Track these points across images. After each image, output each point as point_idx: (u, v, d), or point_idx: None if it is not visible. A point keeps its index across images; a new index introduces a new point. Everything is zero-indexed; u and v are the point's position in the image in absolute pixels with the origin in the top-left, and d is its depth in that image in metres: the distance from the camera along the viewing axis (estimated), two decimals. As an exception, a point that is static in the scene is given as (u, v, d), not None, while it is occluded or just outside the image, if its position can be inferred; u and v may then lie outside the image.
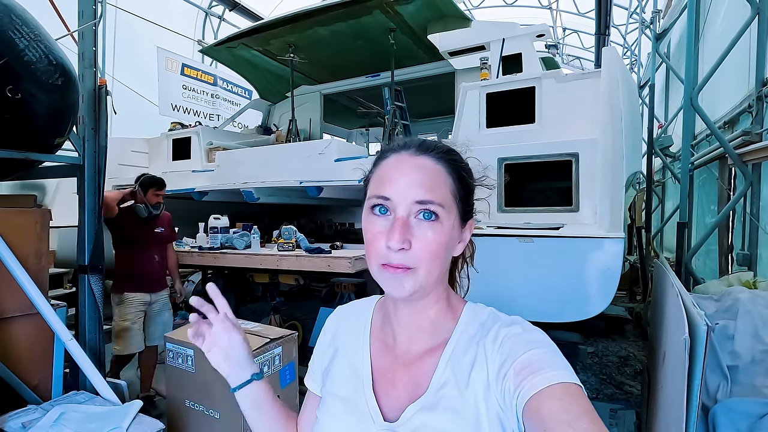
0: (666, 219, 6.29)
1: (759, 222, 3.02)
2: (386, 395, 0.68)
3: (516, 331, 0.62)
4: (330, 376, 0.76)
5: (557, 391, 0.52)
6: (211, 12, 10.34)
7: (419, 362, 0.67)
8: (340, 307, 0.85)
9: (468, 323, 0.68)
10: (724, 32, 4.02)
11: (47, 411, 1.83)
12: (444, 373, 0.64)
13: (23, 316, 2.07)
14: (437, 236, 0.60)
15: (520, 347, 0.59)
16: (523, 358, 0.57)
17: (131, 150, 5.79)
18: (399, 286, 0.61)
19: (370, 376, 0.71)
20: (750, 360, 1.84)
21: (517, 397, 0.55)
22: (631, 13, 8.55)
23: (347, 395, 0.71)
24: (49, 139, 1.91)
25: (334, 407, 0.72)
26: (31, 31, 1.61)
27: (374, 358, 0.73)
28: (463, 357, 0.64)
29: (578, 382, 0.54)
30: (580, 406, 0.50)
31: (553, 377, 0.53)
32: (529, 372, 0.55)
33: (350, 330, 0.79)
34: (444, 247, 0.62)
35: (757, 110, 3.07)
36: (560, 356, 0.58)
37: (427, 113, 7.75)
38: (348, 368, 0.74)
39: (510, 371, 0.57)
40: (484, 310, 0.69)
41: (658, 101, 6.62)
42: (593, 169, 2.76)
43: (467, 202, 0.67)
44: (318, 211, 6.30)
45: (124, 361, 3.21)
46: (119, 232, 3.08)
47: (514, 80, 3.40)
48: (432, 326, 0.68)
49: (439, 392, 0.63)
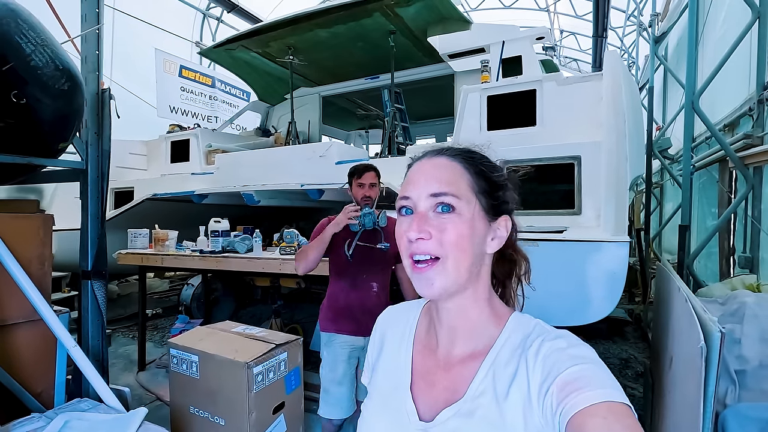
0: (665, 221, 6.31)
1: (761, 225, 3.03)
2: (424, 396, 0.69)
3: (560, 345, 0.60)
4: (375, 372, 0.80)
5: (602, 411, 0.49)
6: (209, 14, 10.31)
7: (460, 366, 0.67)
8: (390, 306, 0.88)
9: (513, 333, 0.66)
10: (724, 36, 4.04)
11: (51, 419, 1.80)
12: (483, 381, 0.63)
13: (26, 323, 2.05)
14: (456, 227, 0.62)
15: (563, 362, 0.57)
16: (565, 374, 0.55)
17: (129, 152, 5.76)
18: (428, 285, 0.62)
19: (409, 376, 0.72)
20: (758, 364, 1.84)
21: (559, 416, 0.53)
22: (628, 15, 8.59)
23: (387, 392, 0.74)
24: (53, 143, 1.89)
25: (375, 402, 0.76)
26: (37, 36, 1.59)
27: (416, 359, 0.74)
28: (505, 368, 0.63)
29: (626, 401, 0.51)
30: (626, 427, 0.48)
31: (598, 395, 0.51)
32: (572, 389, 0.53)
33: (397, 330, 0.81)
34: (467, 238, 0.62)
35: (758, 114, 3.09)
36: (606, 373, 0.56)
37: (426, 115, 7.76)
38: (391, 366, 0.77)
39: (552, 388, 0.55)
40: (531, 321, 0.68)
41: (655, 103, 6.65)
42: (596, 172, 2.76)
43: (492, 195, 0.67)
44: (318, 213, 6.28)
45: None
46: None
47: (515, 83, 3.40)
48: (473, 329, 0.68)
49: (477, 400, 0.62)
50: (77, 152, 2.16)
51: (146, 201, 4.68)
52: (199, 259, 3.51)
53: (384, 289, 2.35)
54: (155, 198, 4.68)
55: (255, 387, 2.08)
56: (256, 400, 2.09)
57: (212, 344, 2.26)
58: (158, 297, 7.01)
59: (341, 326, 2.23)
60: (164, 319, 6.03)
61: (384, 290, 2.35)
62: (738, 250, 3.47)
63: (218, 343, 2.27)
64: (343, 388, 2.18)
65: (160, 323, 5.81)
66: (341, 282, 2.28)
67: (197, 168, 5.17)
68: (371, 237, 2.25)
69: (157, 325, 5.72)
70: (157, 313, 6.19)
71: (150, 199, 4.68)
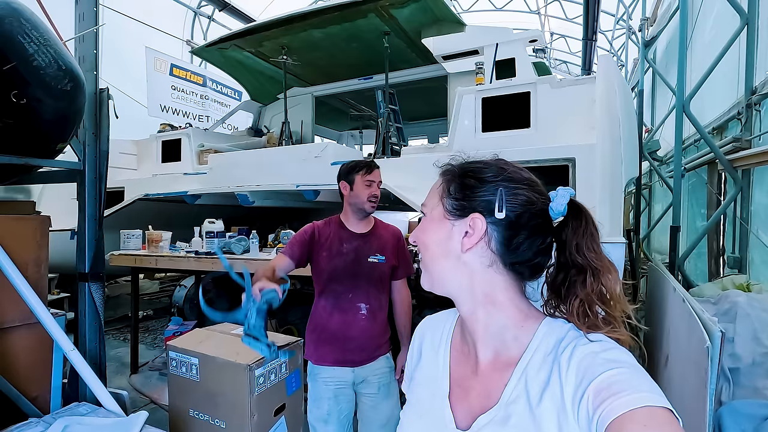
0: (654, 222, 6.42)
1: (749, 226, 3.11)
2: (460, 403, 0.70)
3: (593, 349, 0.58)
4: (414, 380, 0.82)
5: (641, 416, 0.47)
6: (201, 12, 10.22)
7: (493, 373, 0.67)
8: (428, 316, 0.89)
9: (545, 338, 0.65)
10: (713, 41, 4.13)
11: (50, 424, 1.78)
12: (516, 387, 0.63)
13: (22, 326, 2.01)
14: (421, 224, 0.74)
15: (597, 367, 0.55)
16: (600, 379, 0.53)
17: (119, 152, 5.67)
18: (423, 278, 0.74)
19: (447, 384, 0.73)
20: (751, 362, 1.90)
21: (596, 423, 0.51)
22: (618, 19, 8.73)
23: (425, 400, 0.75)
24: (51, 144, 1.86)
25: (414, 410, 0.77)
26: (40, 36, 1.56)
27: (453, 367, 0.75)
28: (537, 374, 0.62)
29: (668, 405, 0.49)
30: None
31: (636, 400, 0.49)
32: (608, 394, 0.51)
33: (434, 338, 0.82)
34: (429, 233, 0.71)
35: (746, 117, 3.16)
36: (645, 376, 0.53)
37: (419, 116, 7.78)
38: (429, 374, 0.78)
39: (588, 393, 0.54)
40: (564, 326, 0.65)
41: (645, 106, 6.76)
42: (591, 174, 2.80)
43: (460, 197, 0.69)
44: (312, 214, 6.27)
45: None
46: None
47: (509, 85, 3.43)
48: (503, 336, 0.67)
49: (510, 407, 0.62)
50: (75, 153, 2.14)
51: (137, 201, 4.63)
52: (194, 261, 3.48)
53: (378, 311, 1.95)
54: (147, 198, 4.62)
55: (257, 389, 2.07)
56: (257, 402, 2.08)
57: (212, 346, 2.24)
58: (149, 298, 6.93)
59: (323, 355, 1.91)
60: (155, 320, 5.97)
61: (377, 313, 1.94)
62: (727, 251, 3.55)
63: (218, 346, 2.25)
64: (329, 428, 1.90)
65: (151, 325, 5.75)
66: (323, 300, 1.94)
67: (189, 168, 5.12)
68: (360, 246, 1.90)
69: (148, 327, 5.66)
70: (148, 314, 6.12)
71: (141, 200, 4.62)
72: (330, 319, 1.90)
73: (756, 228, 3.06)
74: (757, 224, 3.06)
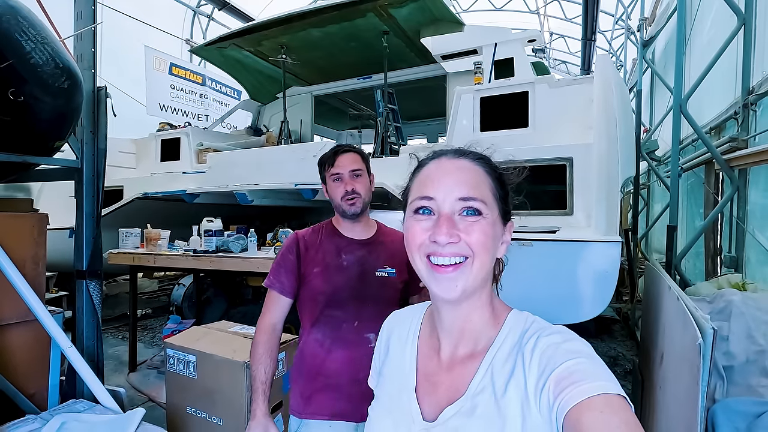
0: (653, 221, 6.43)
1: (746, 225, 3.12)
2: (428, 397, 0.70)
3: (555, 341, 0.61)
4: (382, 376, 0.82)
5: (598, 403, 0.49)
6: (200, 11, 10.23)
7: (460, 367, 0.68)
8: (395, 311, 0.89)
9: (511, 331, 0.67)
10: (711, 41, 4.14)
11: (47, 421, 1.78)
12: (483, 379, 0.64)
13: (20, 323, 2.02)
14: (483, 229, 0.63)
15: (559, 357, 0.57)
16: (561, 369, 0.56)
17: (118, 150, 5.69)
18: (451, 287, 0.63)
19: (414, 379, 0.74)
20: (745, 360, 1.90)
21: (556, 410, 0.53)
22: (617, 19, 8.74)
23: (393, 395, 0.76)
24: (49, 142, 1.87)
25: (383, 406, 0.77)
26: (38, 34, 1.57)
27: (420, 362, 0.75)
28: (503, 365, 0.63)
29: (621, 393, 0.51)
30: (622, 419, 0.48)
31: (594, 388, 0.51)
32: (568, 383, 0.53)
33: (401, 333, 0.82)
34: (491, 240, 0.64)
35: (743, 117, 3.17)
36: (602, 366, 0.56)
37: (418, 115, 7.80)
38: (396, 369, 0.78)
39: (549, 383, 0.56)
40: (529, 318, 0.68)
41: (643, 106, 6.78)
42: (588, 173, 2.82)
43: (506, 202, 0.69)
44: (310, 213, 6.28)
45: None
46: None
47: (507, 85, 3.44)
48: (475, 331, 0.69)
49: (476, 398, 0.63)
50: (73, 151, 2.14)
51: (136, 200, 4.63)
52: (192, 259, 3.49)
53: None
54: (145, 197, 4.63)
55: (253, 386, 2.08)
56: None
57: (210, 344, 2.25)
58: (147, 297, 6.94)
59: (319, 407, 1.41)
60: (154, 319, 5.98)
61: None
62: (724, 250, 3.56)
63: (216, 343, 2.26)
64: None
65: (149, 323, 5.76)
66: (316, 332, 1.43)
67: (188, 167, 5.13)
68: (365, 257, 1.46)
69: (146, 325, 5.66)
70: (147, 313, 6.13)
71: (140, 198, 4.63)
72: (328, 358, 1.41)
73: (752, 227, 3.07)
74: (753, 224, 3.07)
